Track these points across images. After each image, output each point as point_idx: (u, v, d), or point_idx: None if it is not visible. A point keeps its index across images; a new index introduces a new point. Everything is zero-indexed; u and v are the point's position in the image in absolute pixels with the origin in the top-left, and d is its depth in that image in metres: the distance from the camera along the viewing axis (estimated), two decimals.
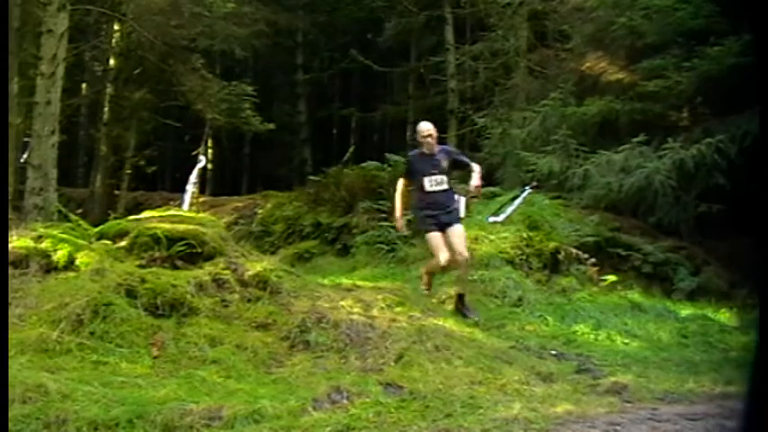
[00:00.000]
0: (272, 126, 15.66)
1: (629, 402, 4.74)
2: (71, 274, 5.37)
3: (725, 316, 7.05)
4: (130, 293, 5.09)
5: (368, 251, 9.79)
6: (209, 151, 18.89)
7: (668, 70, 8.81)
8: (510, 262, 7.70)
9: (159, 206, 8.03)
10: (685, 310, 7.19)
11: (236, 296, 5.54)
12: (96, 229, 6.29)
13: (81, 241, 5.82)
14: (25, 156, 10.26)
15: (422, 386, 4.55)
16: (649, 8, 9.37)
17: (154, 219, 6.27)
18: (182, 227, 5.98)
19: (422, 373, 4.73)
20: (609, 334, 6.58)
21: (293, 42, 19.82)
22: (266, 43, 17.76)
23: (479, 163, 13.05)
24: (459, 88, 16.64)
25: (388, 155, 11.99)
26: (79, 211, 10.40)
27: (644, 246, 8.16)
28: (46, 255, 5.55)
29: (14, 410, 3.70)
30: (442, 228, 6.21)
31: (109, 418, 3.79)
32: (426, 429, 4.04)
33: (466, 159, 6.67)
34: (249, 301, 5.57)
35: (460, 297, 6.34)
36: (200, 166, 10.19)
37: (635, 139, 8.87)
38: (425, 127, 6.41)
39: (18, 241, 5.59)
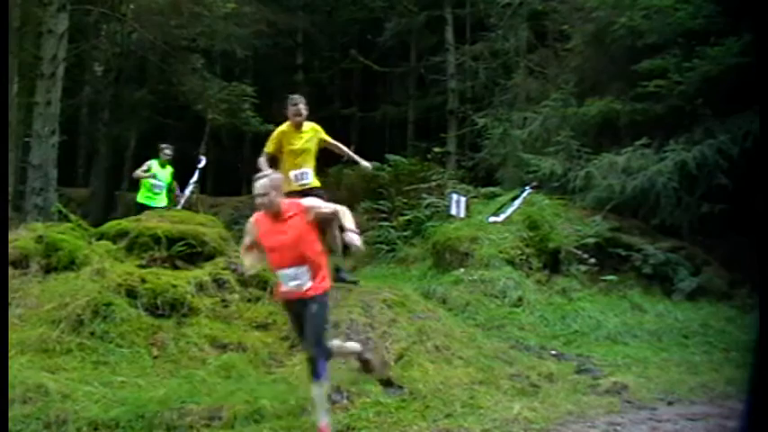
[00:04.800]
0: (271, 126, 15.62)
1: (629, 402, 4.75)
2: (71, 274, 5.37)
3: (725, 316, 7.04)
4: (130, 293, 5.09)
5: (368, 251, 9.77)
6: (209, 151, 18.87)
7: (668, 70, 8.80)
8: (510, 262, 7.70)
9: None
10: (685, 311, 7.19)
11: (236, 296, 5.54)
12: (96, 230, 6.28)
13: (81, 241, 5.82)
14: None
15: (422, 386, 4.56)
16: (649, 8, 9.35)
17: (154, 219, 6.26)
18: (182, 227, 5.98)
19: (422, 373, 4.73)
20: (609, 334, 6.58)
21: (293, 42, 19.81)
22: (266, 43, 17.76)
23: (479, 163, 13.09)
24: (459, 88, 16.64)
25: (387, 155, 12.01)
26: (79, 211, 10.40)
27: (644, 246, 8.14)
28: (46, 255, 5.54)
29: (15, 410, 3.70)
30: None
31: (109, 418, 3.79)
32: (426, 429, 4.05)
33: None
34: (249, 301, 5.57)
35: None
36: (200, 166, 10.16)
37: (637, 142, 8.86)
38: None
39: (18, 241, 5.59)
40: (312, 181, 5.98)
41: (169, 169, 9.17)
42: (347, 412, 4.18)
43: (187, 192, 9.60)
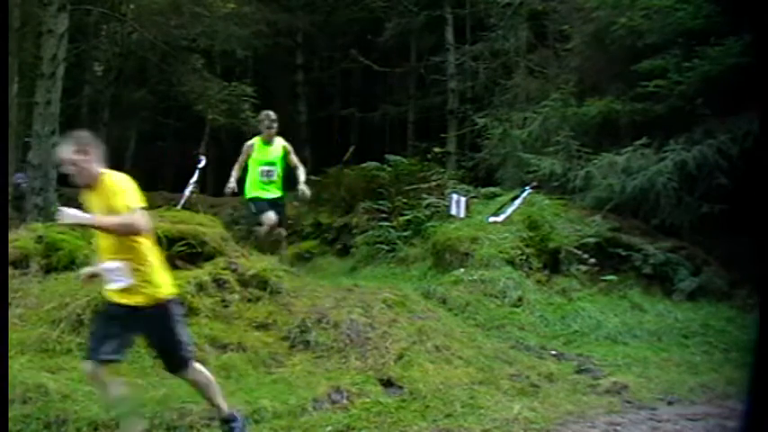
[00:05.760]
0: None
1: (629, 402, 4.75)
2: (71, 274, 5.37)
3: (725, 316, 7.04)
4: None
5: (368, 251, 9.77)
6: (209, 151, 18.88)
7: (669, 70, 8.79)
8: (510, 262, 7.69)
9: (159, 206, 8.00)
10: (685, 311, 7.19)
11: (237, 296, 5.54)
12: None
13: (81, 241, 5.82)
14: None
15: (422, 386, 4.56)
16: (649, 8, 9.34)
17: (154, 219, 6.25)
18: (182, 227, 5.99)
19: (422, 373, 4.73)
20: (609, 334, 6.58)
21: (293, 42, 19.80)
22: (266, 43, 17.75)
23: (479, 163, 13.09)
24: (459, 88, 16.64)
25: (387, 155, 11.98)
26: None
27: (644, 246, 8.14)
28: (46, 255, 5.54)
29: (14, 410, 3.70)
30: None
31: (109, 418, 3.79)
32: (426, 429, 4.05)
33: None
34: (249, 301, 5.57)
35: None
36: (200, 166, 10.15)
37: (637, 142, 8.86)
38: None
39: (18, 241, 5.59)
40: (127, 282, 3.46)
41: (279, 144, 7.05)
42: (347, 412, 4.18)
43: (187, 192, 9.59)
